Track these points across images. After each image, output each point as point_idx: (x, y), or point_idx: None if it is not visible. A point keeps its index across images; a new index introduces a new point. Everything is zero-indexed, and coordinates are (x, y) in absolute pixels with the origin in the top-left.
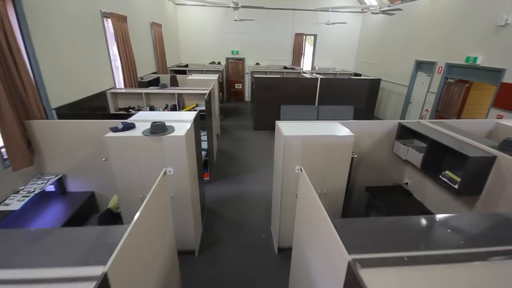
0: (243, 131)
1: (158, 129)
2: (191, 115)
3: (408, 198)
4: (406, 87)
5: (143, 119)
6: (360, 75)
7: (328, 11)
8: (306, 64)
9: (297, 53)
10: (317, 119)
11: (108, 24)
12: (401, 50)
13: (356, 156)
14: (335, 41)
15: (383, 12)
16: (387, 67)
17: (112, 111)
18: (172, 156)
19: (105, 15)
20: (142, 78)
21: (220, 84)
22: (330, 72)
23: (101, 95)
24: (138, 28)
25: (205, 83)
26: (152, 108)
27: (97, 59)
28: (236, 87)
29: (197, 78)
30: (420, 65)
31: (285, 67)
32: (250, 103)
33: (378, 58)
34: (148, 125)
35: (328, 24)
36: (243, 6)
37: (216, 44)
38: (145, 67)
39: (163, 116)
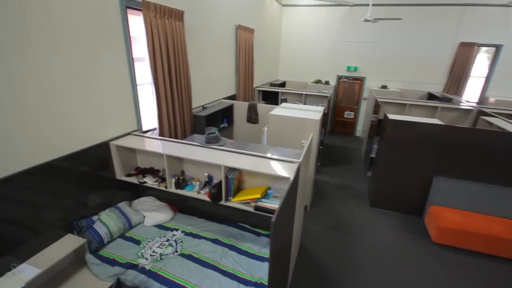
0: (349, 205)
1: None
2: None
3: None
4: None
5: None
6: None
7: None
8: (469, 92)
9: (458, 74)
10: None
11: (139, 20)
12: None
13: None
14: None
15: None
16: None
17: (120, 174)
18: None
19: (130, 4)
20: (204, 107)
21: (325, 115)
22: None
23: (102, 148)
24: (208, 31)
25: (299, 125)
26: (179, 184)
27: (96, 82)
28: (345, 116)
29: (285, 114)
30: None
31: (432, 95)
32: (368, 143)
33: None
34: None
35: None
36: (378, 4)
37: (327, 57)
38: (216, 89)
39: None
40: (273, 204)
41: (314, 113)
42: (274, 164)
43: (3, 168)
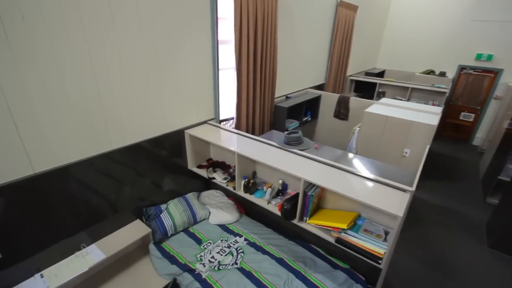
0: (456, 238)
1: None
2: None
3: None
4: None
5: None
6: None
7: None
8: None
9: None
10: None
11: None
12: None
13: None
14: None
15: None
16: None
17: (192, 165)
18: None
19: None
20: (287, 97)
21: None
22: None
23: (178, 135)
24: (304, 8)
25: (404, 130)
26: (248, 188)
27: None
28: (461, 119)
29: (387, 114)
30: None
31: None
32: (495, 158)
33: None
34: None
35: None
36: None
37: (448, 42)
38: (303, 77)
39: None
40: (363, 242)
41: (428, 115)
42: (375, 189)
43: (101, 145)
